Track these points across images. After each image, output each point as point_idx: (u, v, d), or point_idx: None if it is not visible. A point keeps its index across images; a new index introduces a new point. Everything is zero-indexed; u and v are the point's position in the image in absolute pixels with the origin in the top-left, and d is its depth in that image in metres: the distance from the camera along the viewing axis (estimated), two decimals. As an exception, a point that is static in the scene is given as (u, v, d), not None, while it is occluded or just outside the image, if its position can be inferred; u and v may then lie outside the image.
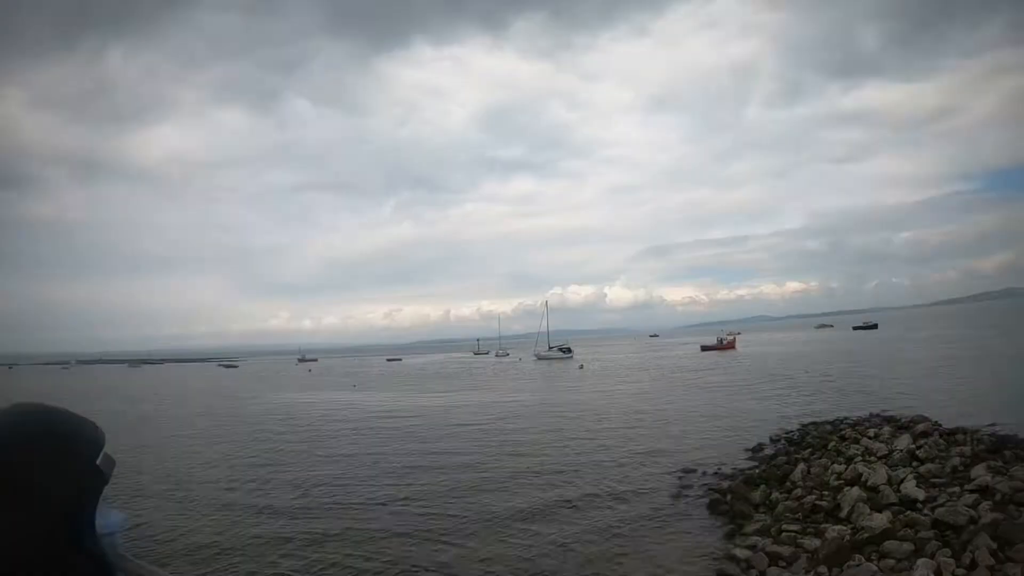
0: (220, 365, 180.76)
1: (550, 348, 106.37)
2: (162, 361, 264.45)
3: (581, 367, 75.02)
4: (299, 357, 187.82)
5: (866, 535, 11.02)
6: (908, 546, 10.44)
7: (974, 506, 11.78)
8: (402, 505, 16.90)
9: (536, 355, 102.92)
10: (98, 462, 1.35)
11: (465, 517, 15.38)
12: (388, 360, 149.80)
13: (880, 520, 11.55)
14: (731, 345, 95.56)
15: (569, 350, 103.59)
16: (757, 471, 17.77)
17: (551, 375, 68.63)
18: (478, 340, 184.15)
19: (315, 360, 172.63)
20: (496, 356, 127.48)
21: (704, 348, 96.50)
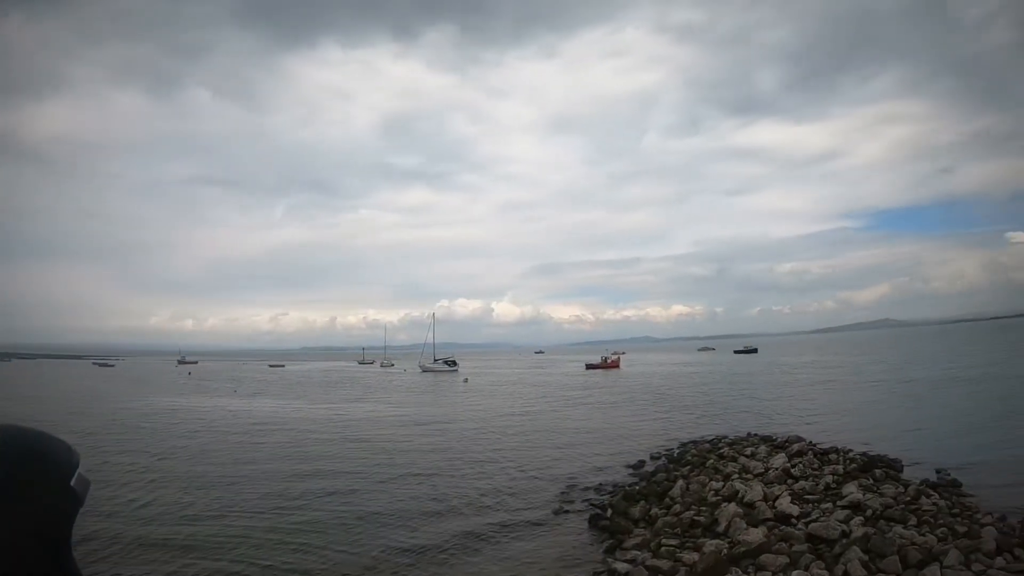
0: (95, 363, 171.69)
1: (435, 360, 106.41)
2: (33, 356, 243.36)
3: (466, 381, 75.58)
4: (179, 358, 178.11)
5: (743, 549, 11.37)
6: (783, 559, 10.85)
7: (846, 521, 12.52)
8: (275, 513, 16.39)
9: (421, 367, 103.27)
10: (72, 483, 1.38)
11: (333, 530, 14.88)
12: (271, 366, 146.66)
13: (756, 535, 11.98)
14: (615, 364, 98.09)
15: (454, 363, 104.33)
16: (637, 487, 18.11)
17: (436, 388, 68.46)
18: (363, 349, 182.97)
19: (196, 363, 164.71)
20: (381, 366, 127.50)
21: (588, 366, 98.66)
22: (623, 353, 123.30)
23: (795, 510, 13.81)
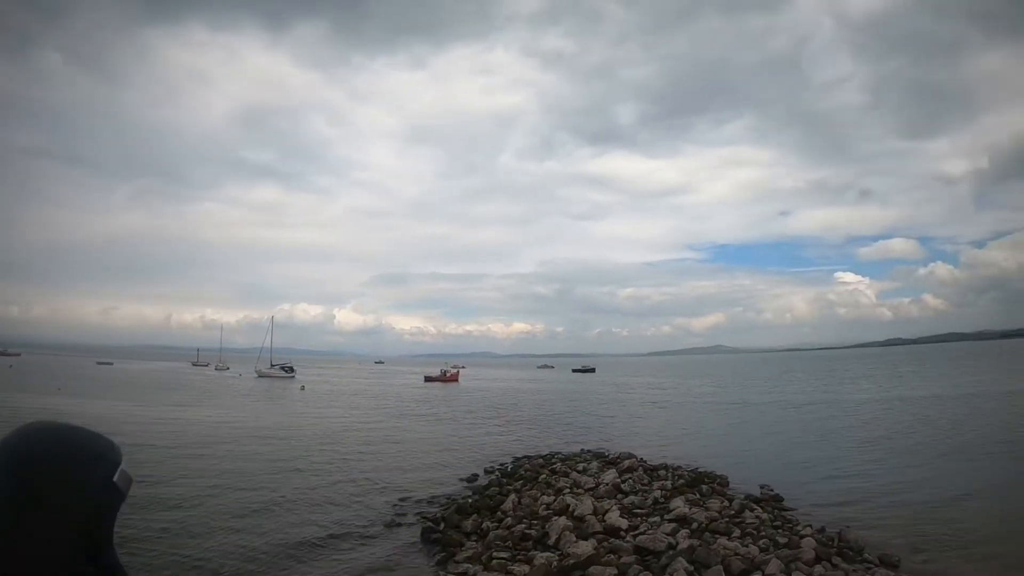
0: None
1: (272, 366, 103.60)
2: None
3: (303, 388, 74.14)
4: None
5: (572, 561, 11.72)
6: (612, 571, 11.32)
7: (673, 534, 13.35)
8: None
9: (257, 372, 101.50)
10: (115, 479, 1.47)
11: (146, 542, 13.70)
12: (99, 363, 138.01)
13: (586, 547, 12.38)
14: (454, 378, 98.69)
15: (292, 369, 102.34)
16: (470, 500, 18.27)
17: (271, 394, 66.27)
18: (198, 350, 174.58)
19: (19, 355, 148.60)
20: (216, 369, 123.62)
21: (428, 379, 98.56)
22: (463, 367, 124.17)
23: (624, 523, 14.53)
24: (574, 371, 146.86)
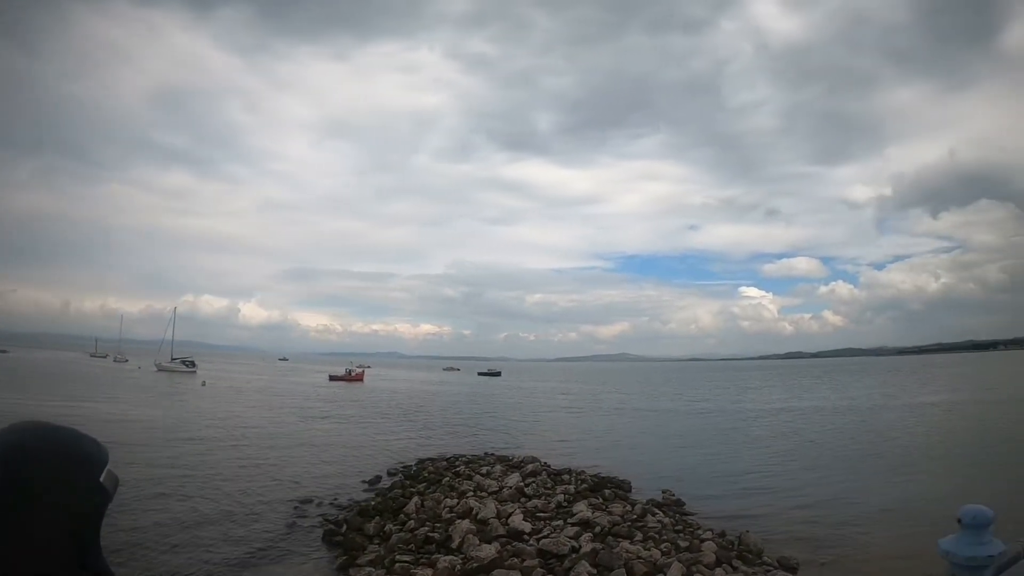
0: None
1: (173, 359, 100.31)
2: None
3: (204, 384, 72.22)
4: None
5: (476, 565, 11.67)
6: (515, 574, 11.33)
7: (576, 537, 13.53)
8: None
9: (157, 365, 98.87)
10: (101, 479, 1.46)
11: None
12: None
13: (489, 551, 12.32)
14: (359, 377, 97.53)
15: (193, 364, 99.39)
16: (373, 503, 18.01)
17: (171, 389, 63.99)
18: (96, 340, 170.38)
19: None
20: (115, 361, 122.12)
21: (332, 378, 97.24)
22: (368, 367, 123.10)
23: (527, 527, 14.58)
24: (480, 374, 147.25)
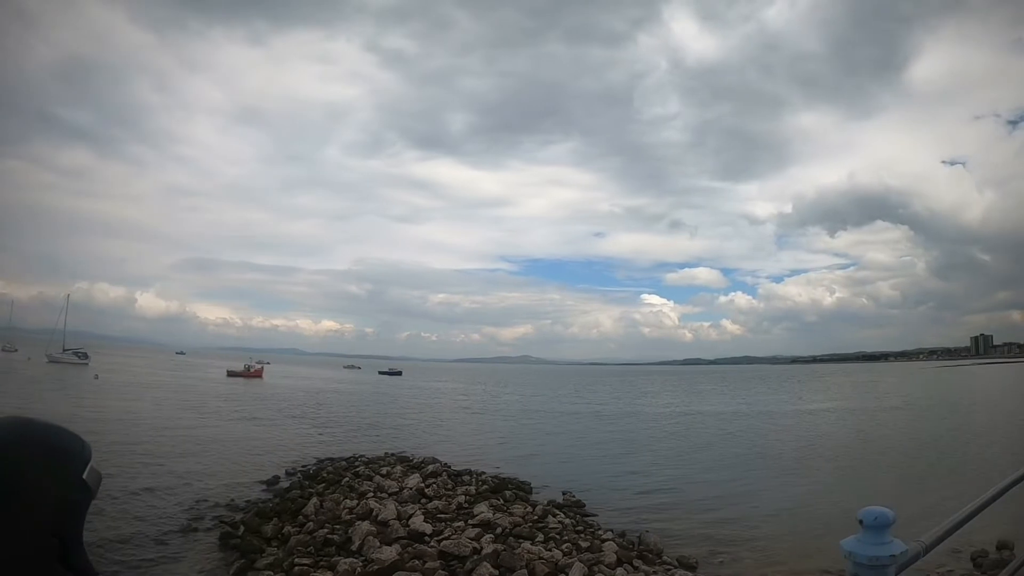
0: None
1: (65, 350, 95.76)
2: None
3: (96, 377, 68.72)
4: None
5: (376, 567, 11.57)
6: None
7: (477, 539, 13.56)
8: None
9: (48, 356, 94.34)
10: (84, 476, 1.41)
11: None
12: None
13: (390, 553, 12.22)
14: (258, 374, 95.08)
15: (86, 355, 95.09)
16: (271, 504, 17.61)
17: (63, 382, 60.78)
18: None
19: None
20: (3, 350, 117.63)
21: (231, 373, 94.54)
22: (267, 363, 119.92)
23: (428, 528, 14.57)
24: (381, 373, 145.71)
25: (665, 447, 33.52)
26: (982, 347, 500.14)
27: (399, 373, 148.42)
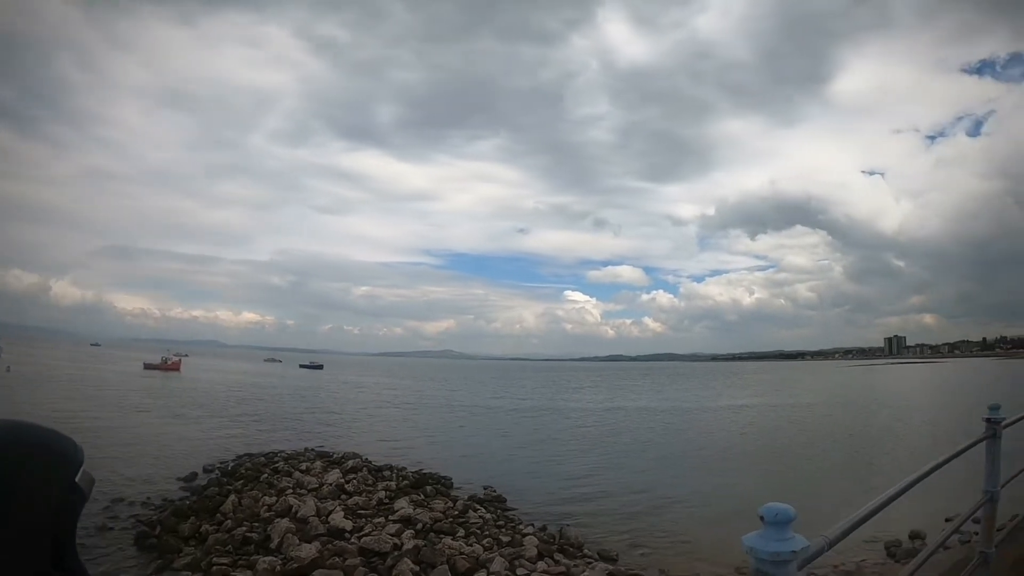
0: None
1: None
2: None
3: (8, 370, 64.74)
4: None
5: (296, 565, 11.49)
6: (337, 573, 11.30)
7: (398, 534, 13.65)
8: None
9: None
10: (77, 479, 1.43)
11: None
12: None
13: (309, 550, 12.12)
14: (176, 367, 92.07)
15: None
16: (188, 502, 17.17)
17: None
18: None
19: None
20: None
21: (147, 366, 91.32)
22: (186, 355, 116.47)
23: (349, 525, 14.52)
24: (302, 367, 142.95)
25: (587, 442, 34.11)
26: (895, 348, 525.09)
27: (320, 367, 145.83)
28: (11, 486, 1.30)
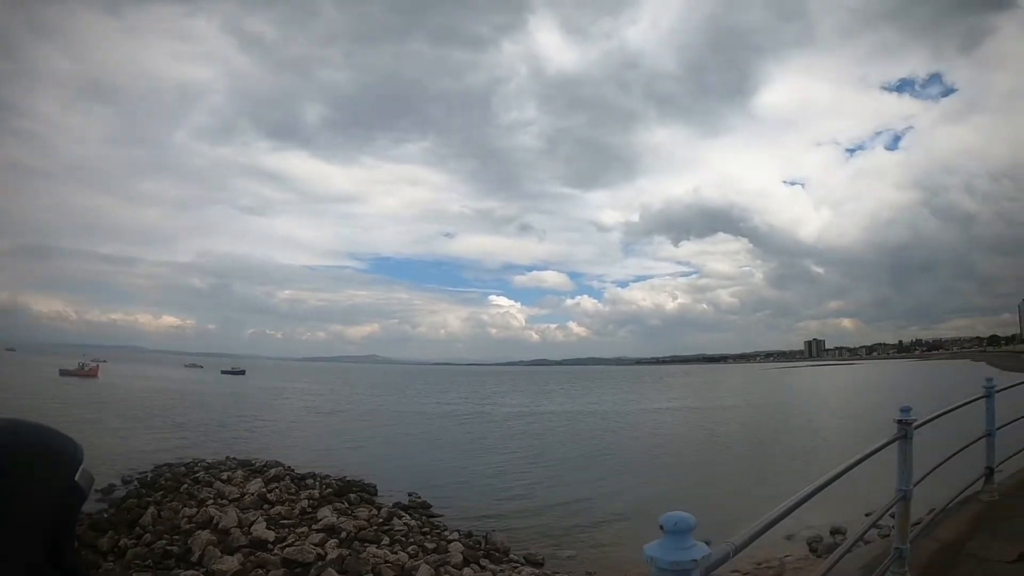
0: None
1: None
2: None
3: None
4: None
5: (218, 578, 11.25)
6: None
7: (321, 544, 13.62)
8: None
9: None
10: (77, 478, 1.41)
11: None
12: None
13: (231, 562, 12.04)
14: (93, 373, 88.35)
15: None
16: (106, 515, 16.72)
17: None
18: None
19: None
20: None
21: (63, 372, 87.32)
22: (104, 361, 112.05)
23: (271, 535, 14.41)
24: (223, 372, 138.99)
25: (513, 447, 34.36)
26: (815, 351, 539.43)
27: (242, 372, 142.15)
28: (11, 485, 1.31)
